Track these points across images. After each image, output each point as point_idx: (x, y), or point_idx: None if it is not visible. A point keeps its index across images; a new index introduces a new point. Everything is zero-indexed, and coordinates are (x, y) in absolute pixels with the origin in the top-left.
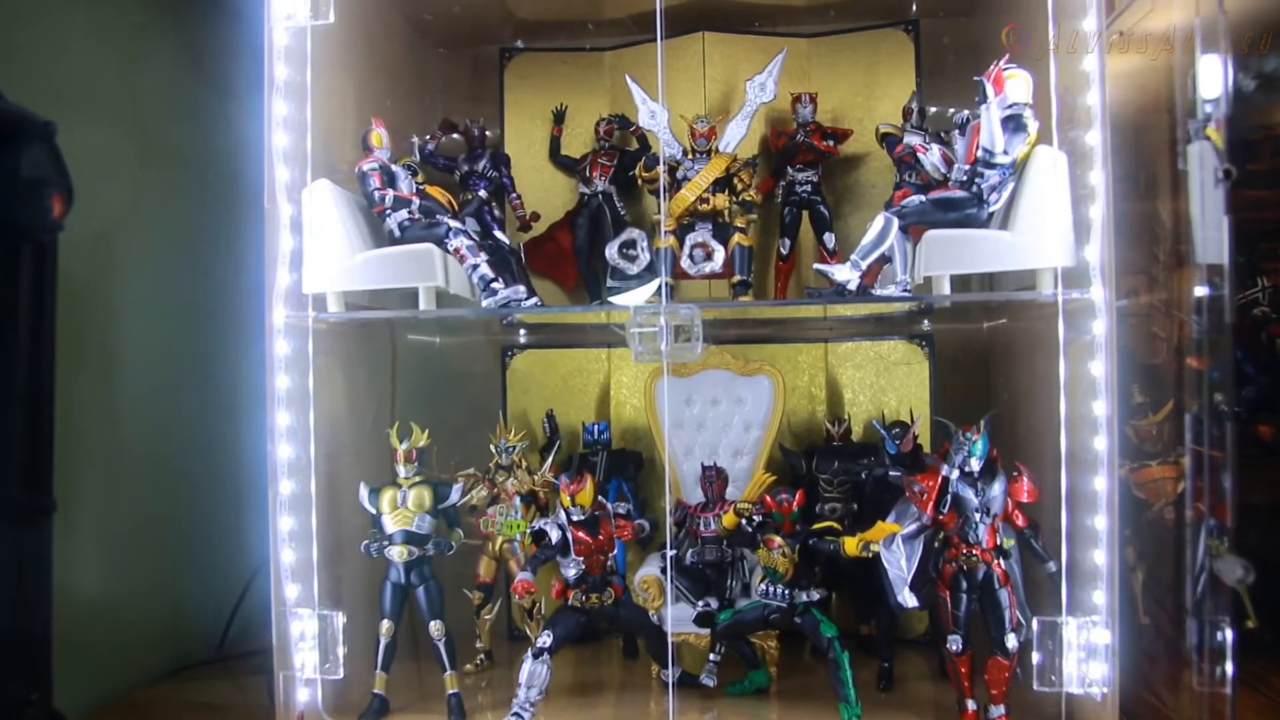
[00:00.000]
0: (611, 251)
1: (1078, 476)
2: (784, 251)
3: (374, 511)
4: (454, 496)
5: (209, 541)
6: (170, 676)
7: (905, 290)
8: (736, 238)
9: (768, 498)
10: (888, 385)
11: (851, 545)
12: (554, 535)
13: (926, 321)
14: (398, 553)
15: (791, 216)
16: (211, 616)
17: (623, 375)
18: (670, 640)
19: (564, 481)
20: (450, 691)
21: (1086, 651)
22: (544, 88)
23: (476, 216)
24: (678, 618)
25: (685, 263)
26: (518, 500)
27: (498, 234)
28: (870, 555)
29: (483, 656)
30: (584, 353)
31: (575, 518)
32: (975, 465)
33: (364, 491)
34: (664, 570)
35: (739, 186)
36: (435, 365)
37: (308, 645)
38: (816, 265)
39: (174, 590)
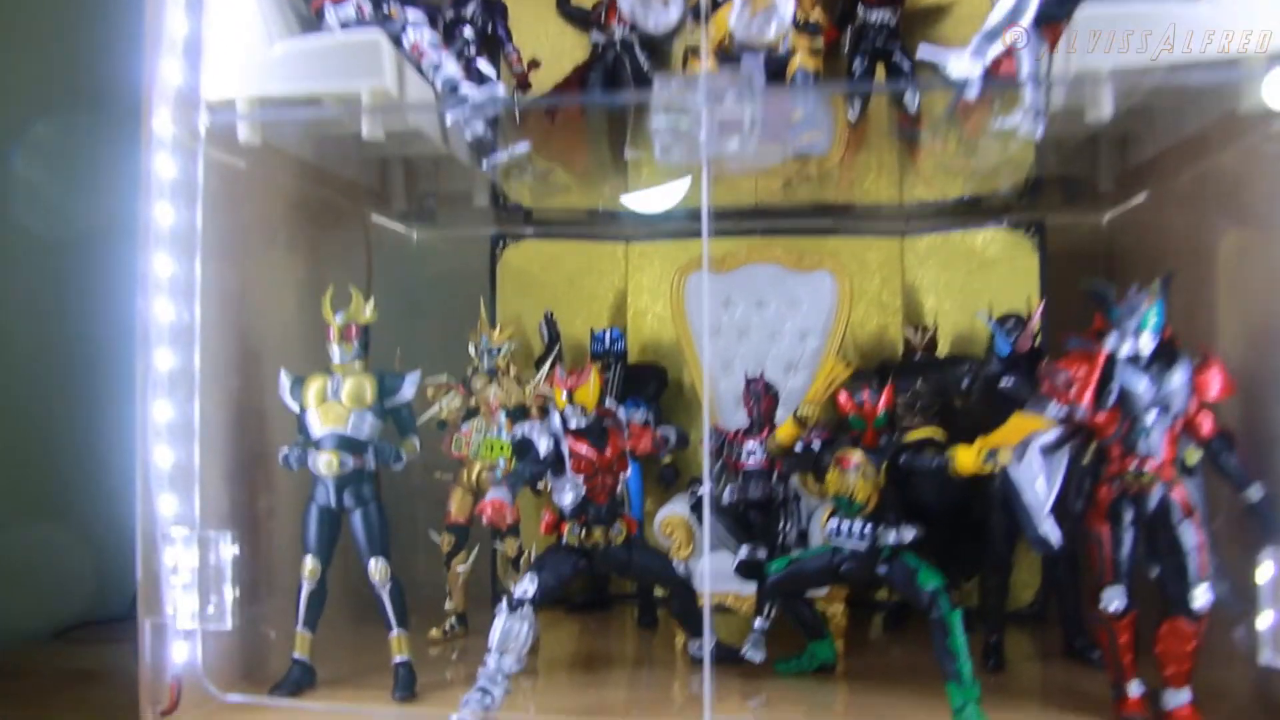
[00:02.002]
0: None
1: None
2: (852, 116)
3: (296, 407)
4: (406, 390)
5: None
6: (58, 638)
7: (1039, 113)
8: (799, 59)
9: (842, 396)
10: (982, 287)
11: (967, 457)
12: (543, 446)
13: (1034, 202)
14: (324, 463)
15: (863, 68)
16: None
17: (643, 276)
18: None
19: (559, 375)
20: (397, 659)
21: None
22: None
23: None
24: (714, 572)
25: (736, 17)
26: (502, 415)
27: (481, 64)
28: (997, 468)
29: (453, 622)
30: (594, 247)
31: (574, 424)
32: (1148, 344)
33: (284, 380)
34: (695, 508)
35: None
36: (410, 265)
37: (182, 580)
38: (924, 46)
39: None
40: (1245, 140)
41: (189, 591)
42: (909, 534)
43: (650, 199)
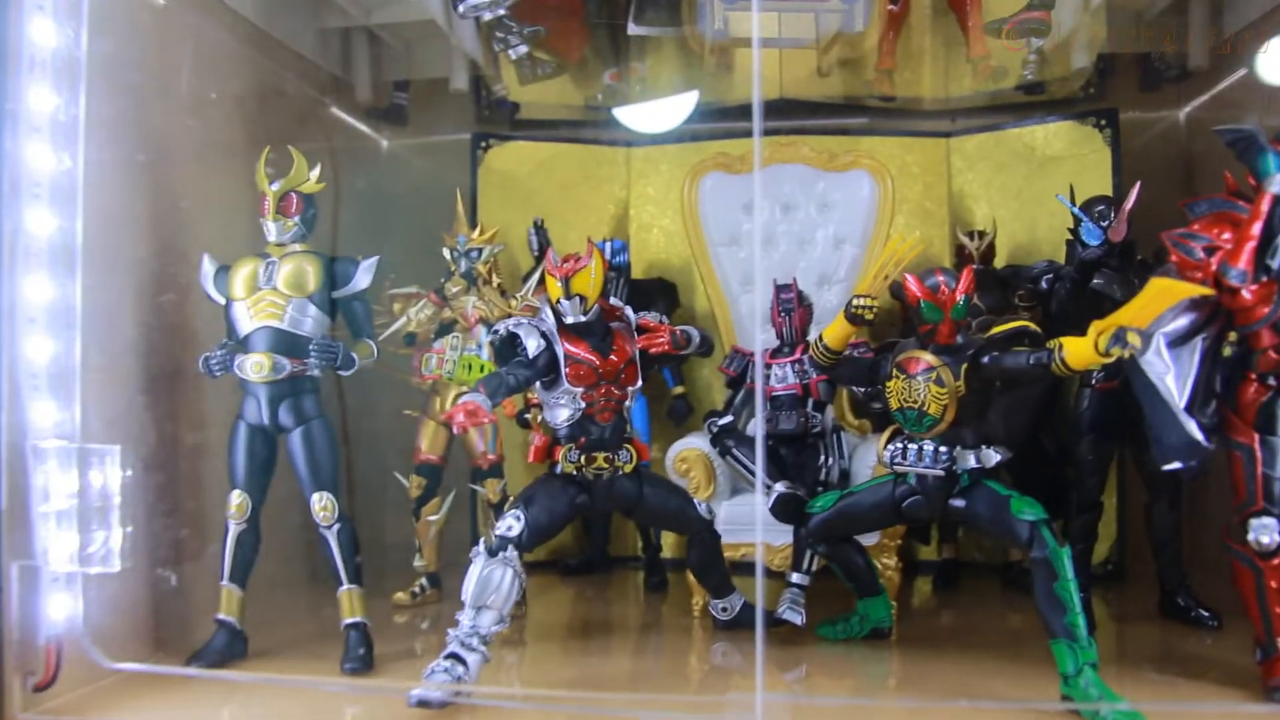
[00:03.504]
0: None
1: None
2: None
3: (221, 299)
4: (360, 278)
5: None
6: None
7: None
8: None
9: (911, 281)
10: (1044, 191)
11: (1082, 347)
12: (533, 346)
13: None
14: (253, 365)
15: None
16: None
17: (648, 185)
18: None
19: (551, 259)
20: (348, 620)
21: None
22: None
23: None
24: (733, 519)
25: None
26: (481, 330)
27: None
28: (1127, 354)
29: (423, 583)
30: (592, 151)
31: (571, 319)
32: None
33: (206, 267)
34: (716, 440)
35: None
36: (382, 175)
37: (56, 507)
38: None
39: None
40: None
41: (66, 524)
42: (994, 456)
43: (651, 110)
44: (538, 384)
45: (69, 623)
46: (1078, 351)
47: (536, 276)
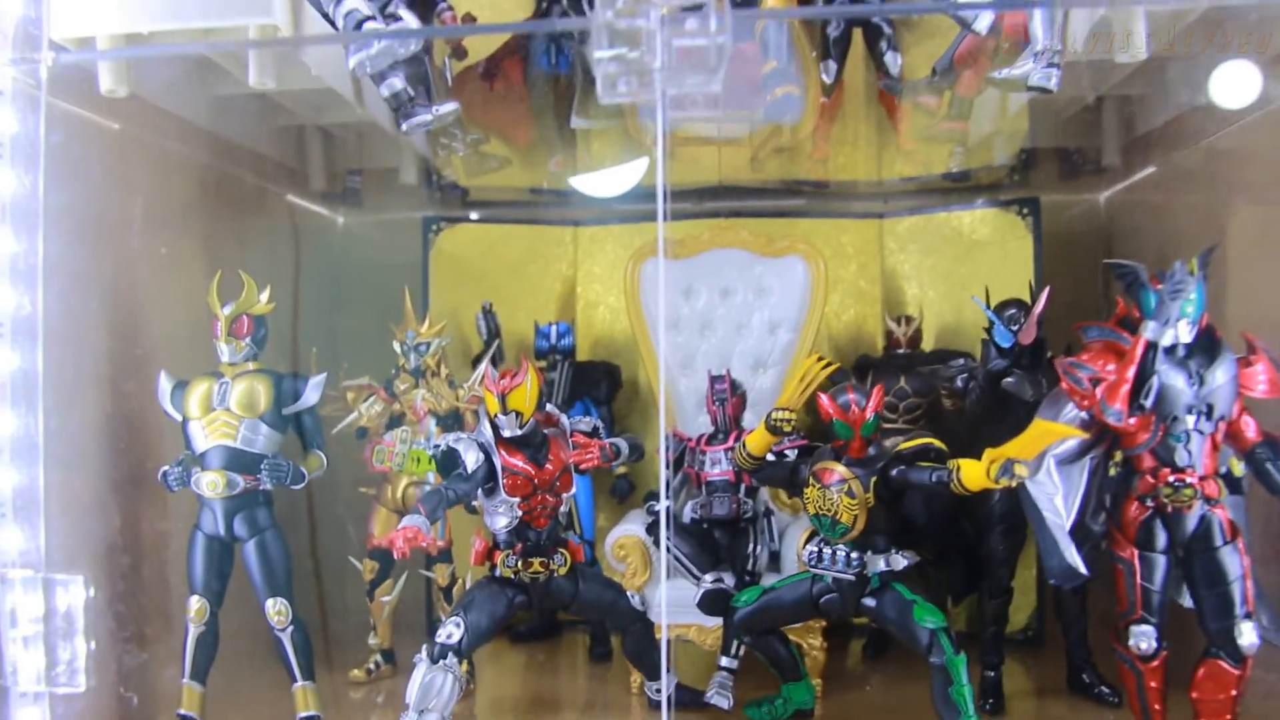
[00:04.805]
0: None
1: None
2: (828, 79)
3: (178, 416)
4: (309, 395)
5: None
6: None
7: (1054, 60)
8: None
9: (825, 400)
10: (971, 274)
11: (975, 471)
12: (471, 460)
13: (1027, 179)
14: (208, 483)
15: (839, 31)
16: None
17: (594, 264)
18: (664, 636)
19: (489, 376)
20: (302, 715)
21: None
22: None
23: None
24: (671, 601)
25: None
26: (430, 422)
27: (402, 12)
28: (1014, 484)
29: (378, 659)
30: (540, 231)
31: (508, 433)
32: (1186, 334)
33: (163, 384)
34: (652, 529)
35: None
36: (335, 253)
37: (22, 633)
38: None
39: None
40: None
41: (32, 646)
42: (902, 561)
43: (602, 177)
44: (479, 491)
45: None
46: (972, 475)
47: (481, 367)
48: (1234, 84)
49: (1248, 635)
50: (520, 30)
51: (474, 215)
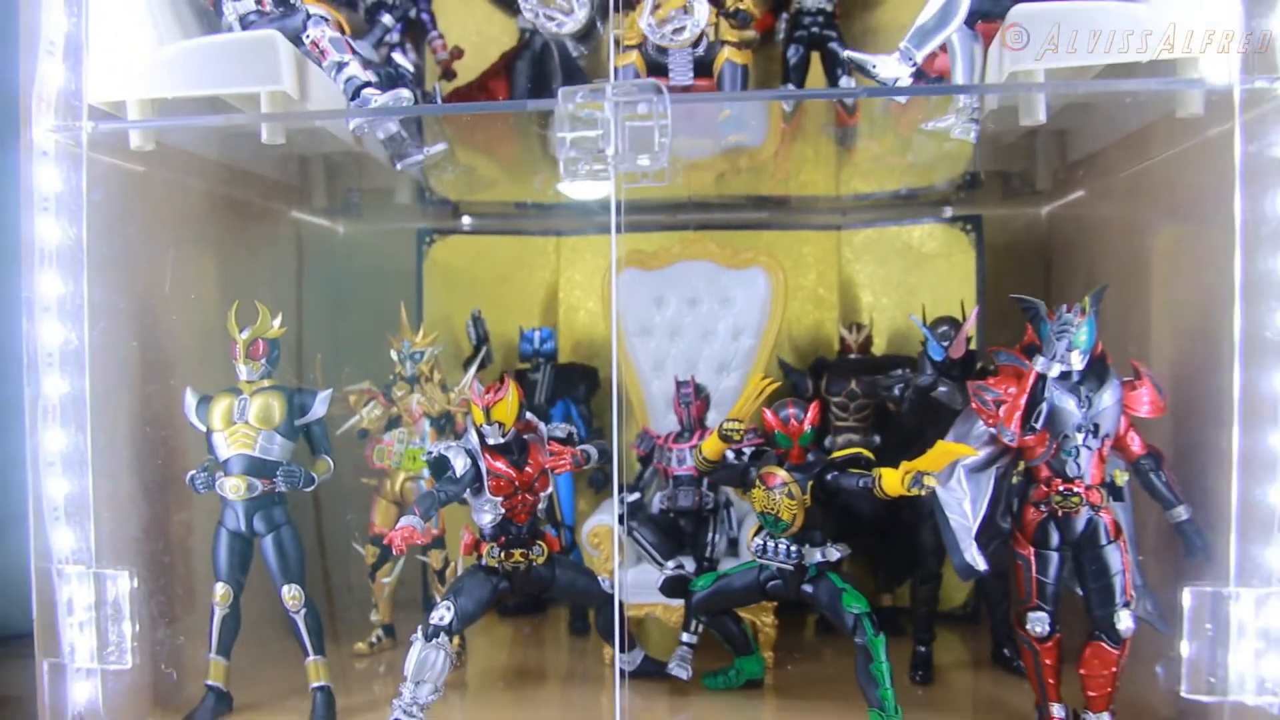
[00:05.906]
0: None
1: (1256, 372)
2: (787, 108)
3: (202, 428)
4: (317, 408)
5: None
6: None
7: (973, 116)
8: (726, 53)
9: (768, 414)
10: (920, 284)
11: (893, 480)
12: (460, 465)
13: (972, 197)
14: (231, 487)
15: (798, 57)
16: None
17: (575, 272)
18: (624, 614)
19: (476, 390)
20: (314, 684)
21: (1265, 640)
22: None
23: (375, 48)
24: (639, 583)
25: (646, 24)
26: (425, 424)
27: (397, 56)
28: (924, 493)
29: (379, 634)
30: (525, 241)
31: (492, 440)
32: (1078, 362)
33: (189, 400)
34: (622, 518)
35: None
36: (338, 260)
37: (78, 619)
38: (848, 53)
39: None
40: (1183, 141)
41: (86, 630)
42: (834, 554)
43: (581, 191)
44: (467, 491)
45: (90, 703)
46: (890, 484)
47: (470, 373)
48: None
49: (1124, 621)
50: (494, 110)
51: (465, 227)
